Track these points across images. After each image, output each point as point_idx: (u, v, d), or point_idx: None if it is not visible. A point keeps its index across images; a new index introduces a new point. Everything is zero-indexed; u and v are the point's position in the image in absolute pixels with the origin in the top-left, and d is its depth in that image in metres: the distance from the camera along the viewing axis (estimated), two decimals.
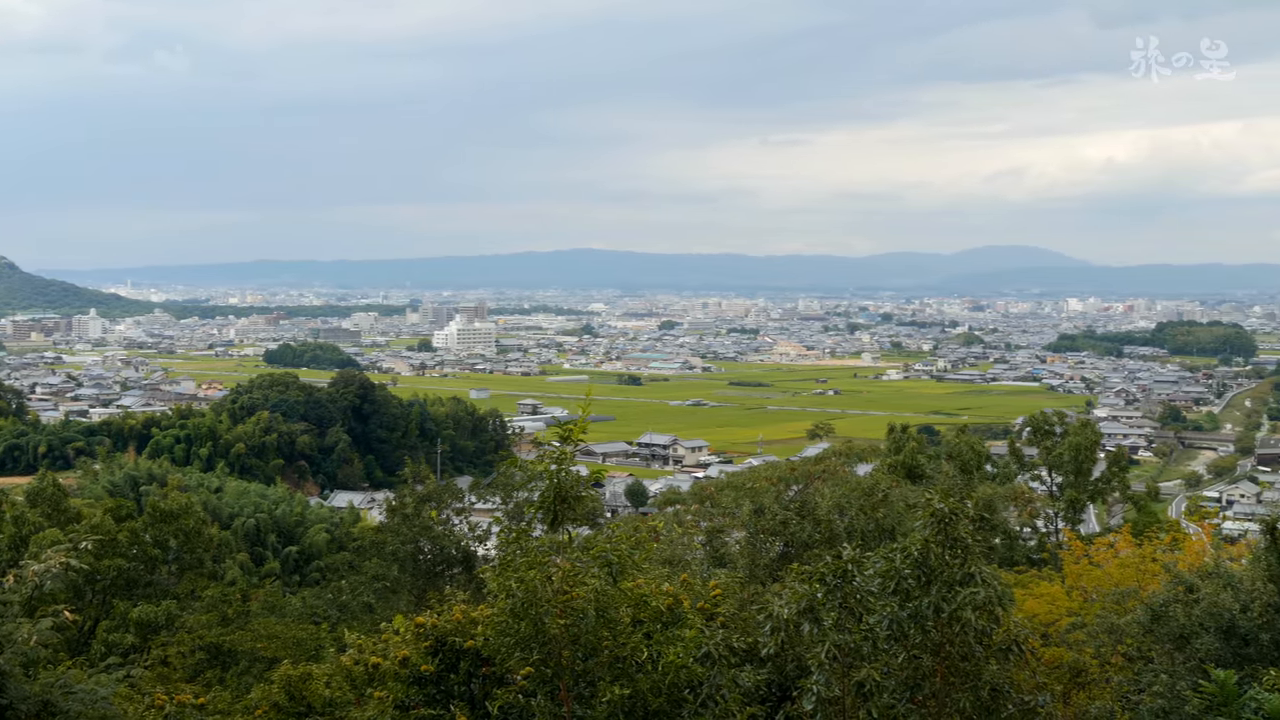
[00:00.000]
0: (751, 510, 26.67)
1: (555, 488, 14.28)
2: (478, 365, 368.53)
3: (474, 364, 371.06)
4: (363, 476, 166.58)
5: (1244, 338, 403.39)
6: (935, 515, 13.40)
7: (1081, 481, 65.78)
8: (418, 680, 14.54)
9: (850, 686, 12.95)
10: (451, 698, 14.56)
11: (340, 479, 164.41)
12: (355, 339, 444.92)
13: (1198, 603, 18.12)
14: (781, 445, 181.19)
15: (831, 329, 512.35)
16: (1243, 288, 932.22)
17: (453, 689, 14.62)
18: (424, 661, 14.57)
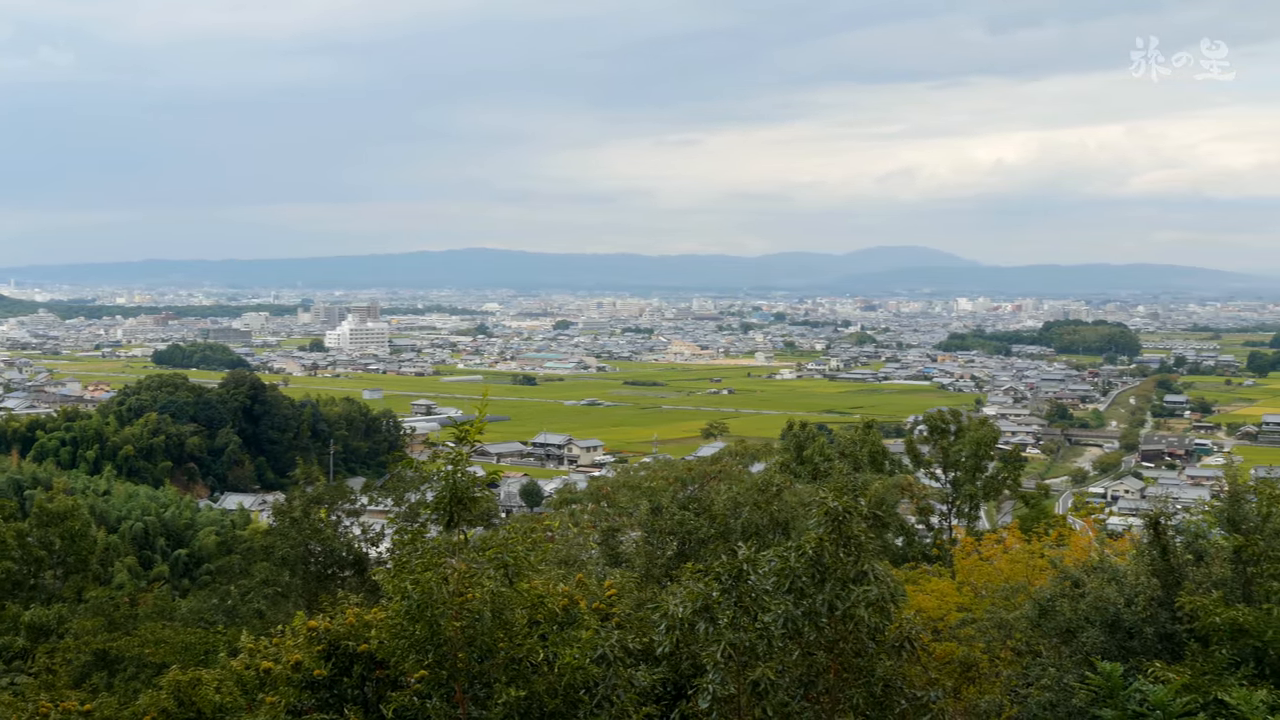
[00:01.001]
0: (649, 509, 26.70)
1: (450, 488, 14.19)
2: (371, 365, 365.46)
3: (367, 364, 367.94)
4: (254, 478, 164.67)
5: (1128, 337, 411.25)
6: (829, 514, 13.50)
7: (977, 479, 66.60)
8: (310, 684, 14.38)
9: (745, 685, 13.00)
10: (345, 701, 14.42)
11: (231, 481, 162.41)
12: (246, 339, 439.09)
13: (1084, 597, 18.41)
14: (676, 444, 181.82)
15: (725, 328, 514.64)
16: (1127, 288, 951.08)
17: (346, 693, 14.48)
18: (317, 665, 14.41)
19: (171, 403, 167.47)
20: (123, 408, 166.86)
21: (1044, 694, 17.45)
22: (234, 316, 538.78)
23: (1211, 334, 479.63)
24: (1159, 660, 15.74)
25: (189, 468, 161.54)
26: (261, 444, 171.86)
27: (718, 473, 30.98)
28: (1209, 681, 14.39)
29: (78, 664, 28.70)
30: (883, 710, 13.72)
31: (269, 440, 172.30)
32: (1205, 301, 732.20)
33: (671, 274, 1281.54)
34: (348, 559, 34.31)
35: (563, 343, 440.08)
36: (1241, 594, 17.24)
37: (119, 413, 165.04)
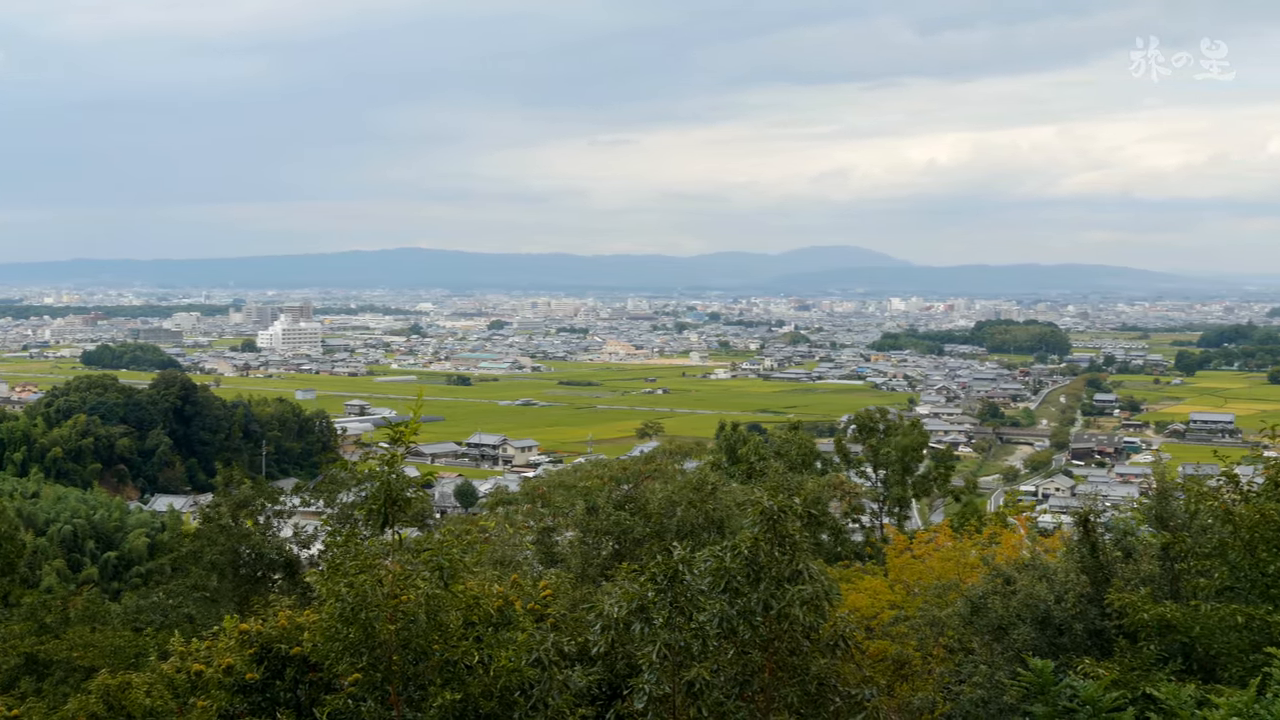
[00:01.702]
0: (585, 509, 26.70)
1: (385, 489, 14.10)
2: (303, 366, 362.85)
3: (300, 364, 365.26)
4: (185, 479, 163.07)
5: (1059, 336, 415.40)
6: (765, 514, 13.54)
7: (907, 479, 67.06)
8: (242, 688, 14.27)
9: (681, 684, 13.02)
10: (278, 705, 14.32)
11: (162, 482, 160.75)
12: (177, 339, 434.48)
13: (1015, 594, 18.58)
14: (611, 444, 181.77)
15: (660, 328, 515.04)
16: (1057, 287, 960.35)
17: (278, 696, 14.38)
18: (249, 669, 14.29)
19: (101, 404, 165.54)
20: (51, 409, 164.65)
21: (976, 690, 17.60)
22: (165, 317, 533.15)
23: (1140, 333, 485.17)
24: (1089, 656, 15.91)
25: (119, 470, 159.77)
26: (193, 445, 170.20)
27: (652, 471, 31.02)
28: (1137, 677, 14.58)
29: (6, 668, 28.30)
30: (817, 708, 13.78)
31: (200, 441, 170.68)
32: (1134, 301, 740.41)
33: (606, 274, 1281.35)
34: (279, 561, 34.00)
35: (497, 343, 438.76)
36: (1169, 590, 17.46)
37: (47, 414, 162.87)
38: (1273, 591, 15.32)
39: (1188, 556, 17.15)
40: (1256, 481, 16.38)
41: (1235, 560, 15.90)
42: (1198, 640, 15.23)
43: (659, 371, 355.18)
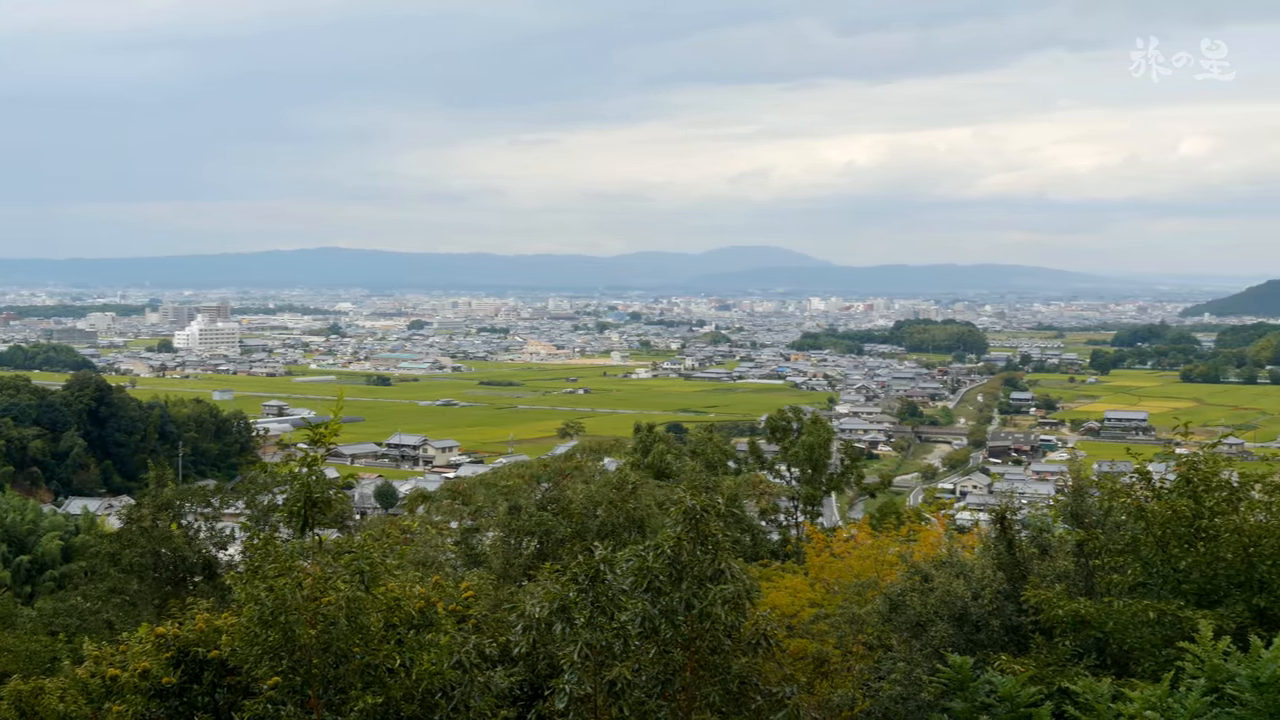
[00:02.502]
0: (507, 509, 26.64)
1: (304, 491, 13.99)
2: (221, 366, 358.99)
3: (217, 365, 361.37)
4: (100, 482, 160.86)
5: (976, 336, 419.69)
6: (687, 513, 13.58)
7: (818, 476, 67.51)
8: (159, 693, 14.10)
9: (602, 684, 13.03)
10: (195, 710, 14.17)
11: (76, 485, 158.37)
12: (92, 340, 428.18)
13: (933, 592, 18.72)
14: (532, 444, 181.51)
15: (581, 328, 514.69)
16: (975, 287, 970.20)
17: (196, 700, 14.22)
18: (165, 673, 14.13)
19: (13, 405, 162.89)
20: None
21: (895, 687, 17.72)
22: (79, 317, 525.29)
23: (1056, 332, 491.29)
24: (1005, 652, 16.09)
25: (31, 472, 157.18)
26: (108, 447, 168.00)
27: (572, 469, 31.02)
28: (1053, 672, 14.75)
29: None
30: (738, 706, 13.85)
31: (116, 443, 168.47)
32: (1050, 301, 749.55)
33: (527, 273, 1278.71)
34: (198, 563, 33.64)
35: (417, 343, 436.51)
36: (1084, 587, 17.68)
37: None
38: (1184, 587, 15.57)
39: (1102, 553, 17.37)
40: (1168, 478, 16.63)
41: (1148, 556, 16.15)
42: (1112, 635, 15.43)
43: (580, 371, 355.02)
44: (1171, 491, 16.20)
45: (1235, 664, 10.26)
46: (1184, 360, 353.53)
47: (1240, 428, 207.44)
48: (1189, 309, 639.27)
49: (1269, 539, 15.15)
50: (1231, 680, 10.14)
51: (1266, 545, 15.13)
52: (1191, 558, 15.54)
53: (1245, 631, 12.44)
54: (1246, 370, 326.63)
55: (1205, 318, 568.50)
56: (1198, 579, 15.57)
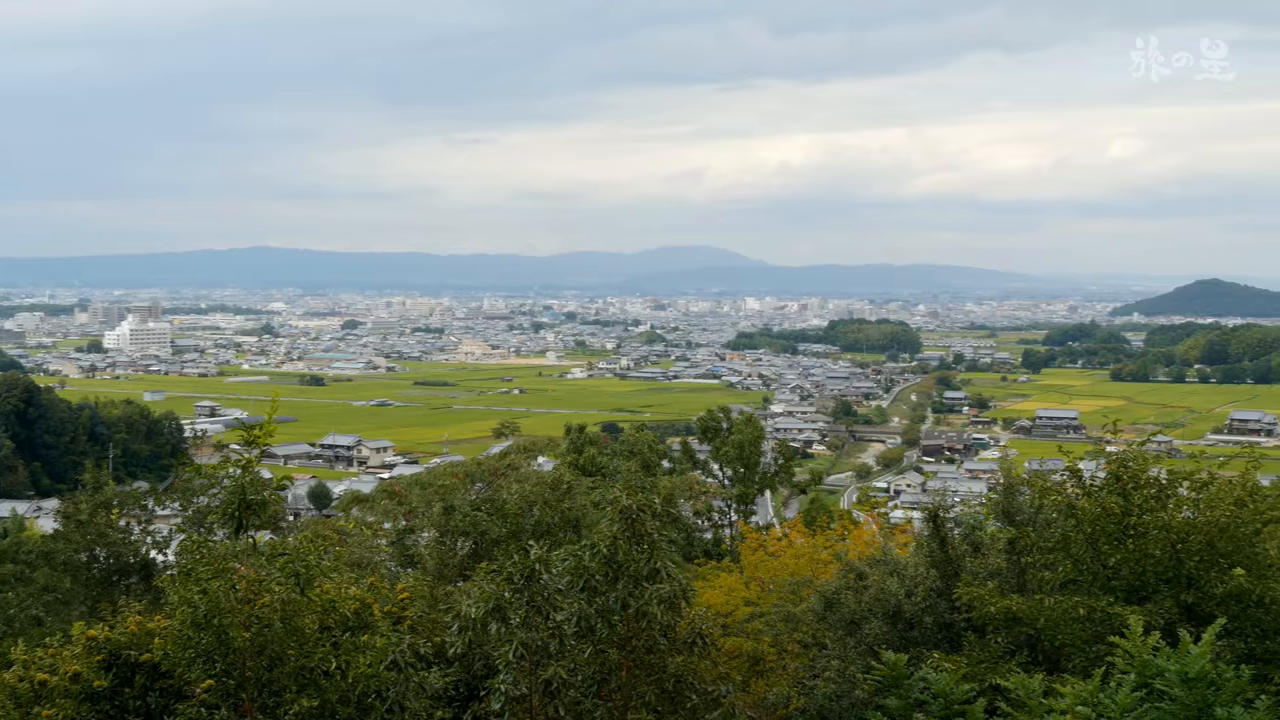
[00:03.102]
0: (441, 509, 26.52)
1: (239, 493, 13.88)
2: (152, 367, 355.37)
3: (148, 365, 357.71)
4: (29, 484, 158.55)
5: (909, 335, 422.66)
6: (624, 512, 13.59)
7: (750, 475, 67.72)
8: (90, 696, 13.93)
9: (538, 684, 13.02)
10: (127, 713, 14.01)
11: (3, 487, 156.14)
12: (19, 340, 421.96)
13: (867, 589, 18.82)
14: (468, 444, 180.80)
15: (516, 328, 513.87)
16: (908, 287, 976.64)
17: (128, 704, 14.07)
18: (96, 676, 13.97)
19: None
20: None
21: (830, 685, 17.81)
22: (6, 317, 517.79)
23: (988, 332, 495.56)
24: (939, 649, 16.22)
25: None
26: (36, 449, 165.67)
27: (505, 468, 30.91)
28: (986, 669, 14.88)
29: None
30: (674, 705, 13.88)
31: (44, 445, 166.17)
32: (982, 301, 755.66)
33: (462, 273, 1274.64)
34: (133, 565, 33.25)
35: (351, 343, 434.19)
36: (1016, 584, 17.83)
37: None
38: (1114, 584, 15.74)
39: (1033, 550, 17.53)
40: (1098, 476, 16.80)
41: (1078, 554, 16.31)
42: (1043, 632, 15.57)
43: (516, 371, 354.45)
44: (1101, 489, 16.36)
45: (1164, 659, 10.39)
46: (1114, 359, 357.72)
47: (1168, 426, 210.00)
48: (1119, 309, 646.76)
49: (1196, 536, 15.34)
50: (1160, 675, 10.27)
51: (1194, 542, 15.32)
52: (1121, 555, 15.71)
53: (1174, 627, 12.60)
54: (1175, 369, 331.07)
55: (1135, 317, 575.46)
56: (1127, 575, 15.74)
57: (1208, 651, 10.29)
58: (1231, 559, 15.11)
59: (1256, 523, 15.46)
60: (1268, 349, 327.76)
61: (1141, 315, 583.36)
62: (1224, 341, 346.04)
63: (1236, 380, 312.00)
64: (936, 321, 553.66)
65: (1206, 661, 10.16)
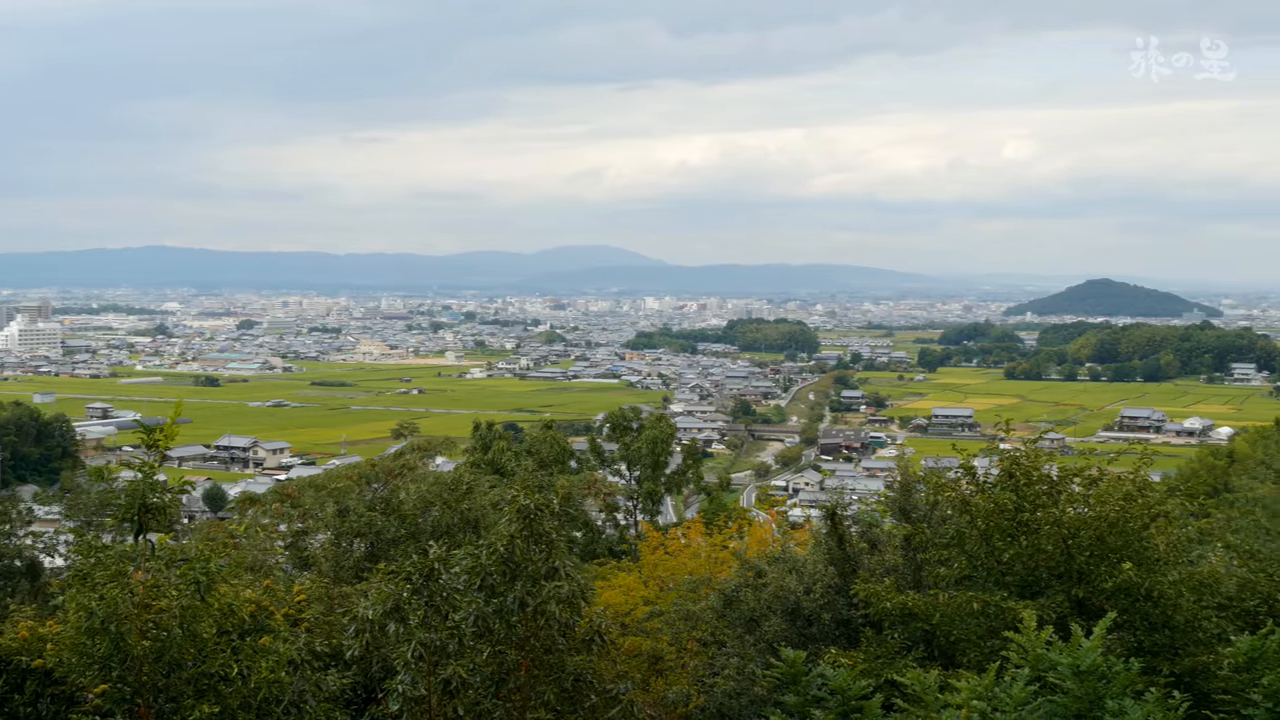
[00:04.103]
0: (336, 511, 26.29)
1: (137, 496, 13.64)
2: (42, 368, 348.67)
3: (38, 366, 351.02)
4: None
5: (808, 334, 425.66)
6: (521, 511, 13.57)
7: (658, 474, 67.84)
8: None
9: (436, 684, 12.97)
10: None
11: None
12: None
13: (766, 587, 18.93)
14: (366, 445, 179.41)
15: (415, 328, 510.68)
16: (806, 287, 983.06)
17: (18, 711, 13.82)
18: None
19: None
20: None
21: (729, 683, 17.89)
22: None
23: (885, 331, 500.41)
24: (837, 646, 16.35)
25: None
26: None
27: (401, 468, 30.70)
28: (883, 664, 15.01)
29: None
30: (573, 704, 13.87)
31: None
32: (879, 300, 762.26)
33: (360, 273, 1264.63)
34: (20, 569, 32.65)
35: (247, 343, 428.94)
36: (912, 580, 18.03)
37: None
38: (1008, 579, 15.94)
39: (929, 546, 17.71)
40: (992, 473, 17.00)
41: (972, 549, 16.50)
42: (939, 627, 15.72)
43: (414, 371, 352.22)
44: (995, 486, 16.55)
45: (1057, 653, 10.53)
46: (1008, 358, 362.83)
47: (1060, 423, 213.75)
48: (1012, 308, 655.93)
49: (1087, 531, 15.58)
50: (1054, 669, 10.40)
51: (1084, 537, 15.55)
52: (1014, 550, 15.90)
53: (1066, 621, 12.78)
54: (1067, 368, 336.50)
55: (1028, 316, 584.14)
56: (1020, 571, 15.94)
57: (1099, 645, 10.45)
58: (1121, 553, 15.37)
59: (1145, 517, 15.73)
60: (1156, 348, 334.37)
61: (1035, 315, 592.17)
62: (1114, 340, 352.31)
63: (1126, 378, 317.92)
64: (834, 321, 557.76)
65: (1098, 655, 10.31)
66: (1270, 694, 10.63)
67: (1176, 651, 14.46)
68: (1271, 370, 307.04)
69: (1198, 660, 13.90)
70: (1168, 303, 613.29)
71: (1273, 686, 10.64)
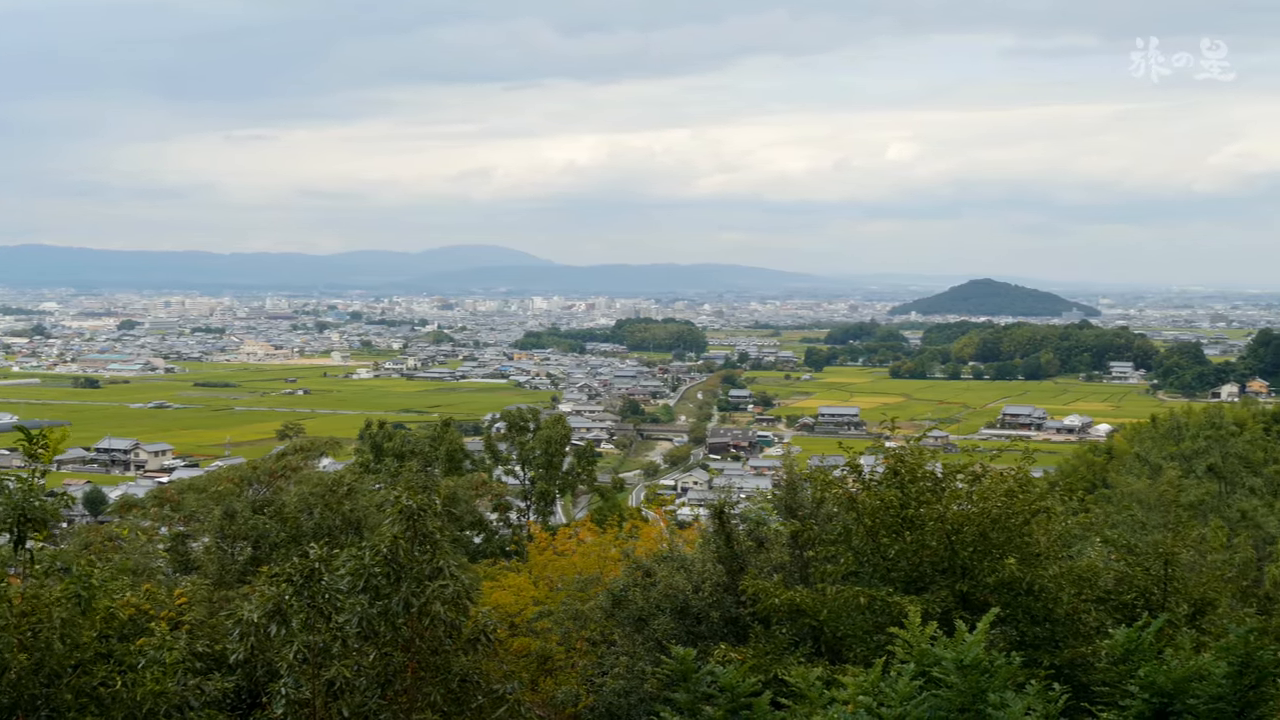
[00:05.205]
0: (219, 514, 25.92)
1: (18, 505, 13.27)
2: None
3: None
4: None
5: (695, 334, 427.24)
6: (404, 511, 13.47)
7: (552, 474, 67.73)
8: None
9: (320, 687, 12.82)
10: None
11: None
12: None
13: (655, 586, 18.95)
14: (250, 446, 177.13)
15: (300, 328, 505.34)
16: (693, 286, 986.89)
17: None
18: None
19: None
20: None
21: (618, 681, 17.88)
22: None
23: (772, 331, 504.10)
24: (725, 643, 16.39)
25: None
26: None
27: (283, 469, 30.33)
28: (771, 661, 15.08)
29: None
30: (460, 705, 13.80)
31: None
32: (766, 300, 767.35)
33: (244, 272, 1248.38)
34: None
35: (128, 343, 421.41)
36: (799, 576, 18.13)
37: None
38: (893, 574, 16.09)
39: (815, 544, 17.84)
40: (878, 471, 17.16)
41: (859, 546, 16.64)
42: (826, 623, 15.81)
43: (300, 372, 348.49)
44: (880, 483, 16.71)
45: (941, 648, 10.62)
46: (893, 357, 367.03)
47: (944, 421, 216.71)
48: (897, 308, 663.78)
49: (970, 527, 15.77)
50: (938, 664, 10.49)
51: (967, 533, 15.75)
52: (899, 546, 16.07)
53: (950, 615, 12.92)
54: (951, 366, 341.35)
55: (912, 316, 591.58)
56: (905, 566, 16.10)
57: (982, 639, 10.55)
58: (1003, 548, 15.59)
59: (1026, 513, 15.97)
60: (1037, 347, 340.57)
61: (919, 314, 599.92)
62: (996, 339, 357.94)
63: (1008, 376, 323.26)
64: (722, 321, 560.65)
65: (981, 649, 10.41)
66: (1146, 685, 10.83)
67: (1057, 644, 14.70)
68: (1148, 368, 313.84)
69: (1077, 653, 14.14)
70: (1048, 302, 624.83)
71: (1149, 678, 10.85)
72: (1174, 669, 10.88)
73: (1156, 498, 34.41)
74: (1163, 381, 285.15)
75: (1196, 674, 10.86)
